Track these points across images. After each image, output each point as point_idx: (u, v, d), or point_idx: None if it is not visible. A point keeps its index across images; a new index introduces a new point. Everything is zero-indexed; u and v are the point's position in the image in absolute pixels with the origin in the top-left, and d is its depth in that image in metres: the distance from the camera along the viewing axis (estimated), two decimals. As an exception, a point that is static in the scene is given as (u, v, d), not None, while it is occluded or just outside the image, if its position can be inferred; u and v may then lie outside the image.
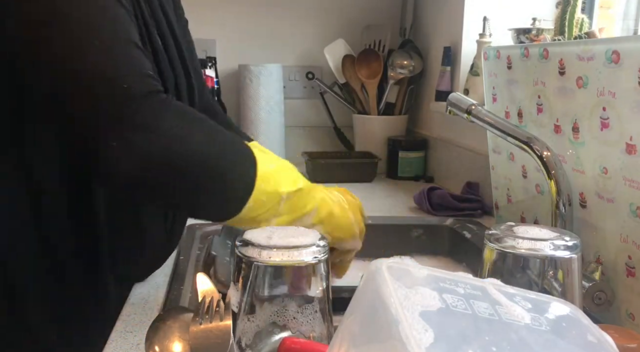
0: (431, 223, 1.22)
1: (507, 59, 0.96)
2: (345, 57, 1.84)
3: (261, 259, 0.48)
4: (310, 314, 0.49)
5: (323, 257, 0.49)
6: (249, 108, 1.76)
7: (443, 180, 1.57)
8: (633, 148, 0.68)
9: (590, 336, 0.38)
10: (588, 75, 0.75)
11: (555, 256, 0.52)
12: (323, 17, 1.91)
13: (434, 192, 1.30)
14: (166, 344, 0.51)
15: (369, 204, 1.38)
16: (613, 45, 0.71)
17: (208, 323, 0.50)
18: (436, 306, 0.35)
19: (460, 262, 1.14)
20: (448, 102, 0.96)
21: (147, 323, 0.69)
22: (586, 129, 0.77)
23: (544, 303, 0.40)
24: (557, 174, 0.79)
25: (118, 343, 0.67)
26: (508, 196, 1.05)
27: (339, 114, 1.91)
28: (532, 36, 1.26)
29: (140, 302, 0.78)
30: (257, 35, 1.90)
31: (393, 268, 0.37)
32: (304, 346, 0.47)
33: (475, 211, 1.26)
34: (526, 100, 0.92)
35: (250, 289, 0.49)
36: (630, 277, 0.71)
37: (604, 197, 0.74)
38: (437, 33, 1.69)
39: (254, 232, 0.51)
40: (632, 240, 0.70)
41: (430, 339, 0.31)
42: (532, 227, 0.55)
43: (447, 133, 1.58)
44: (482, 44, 1.37)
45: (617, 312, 0.73)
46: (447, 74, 1.53)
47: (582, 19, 1.12)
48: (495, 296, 0.38)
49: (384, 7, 1.92)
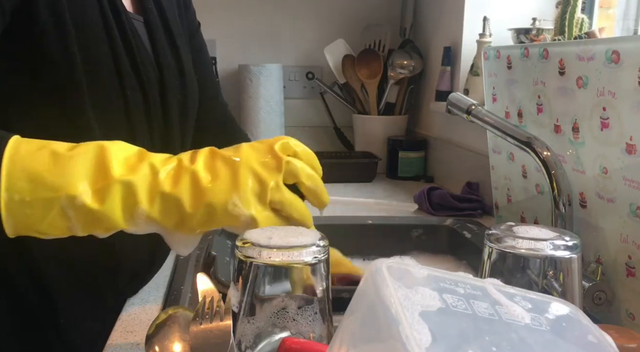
0: (431, 223, 1.22)
1: (507, 59, 0.96)
2: (345, 57, 1.84)
3: (261, 259, 0.48)
4: (310, 316, 0.49)
5: (323, 257, 0.49)
6: (249, 108, 1.76)
7: (443, 180, 1.57)
8: (633, 148, 0.68)
9: (591, 336, 0.38)
10: (588, 75, 0.75)
11: (555, 256, 0.52)
12: (323, 17, 1.91)
13: (434, 192, 1.30)
14: (166, 344, 0.51)
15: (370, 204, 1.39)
16: (613, 45, 0.71)
17: (208, 323, 0.50)
18: (436, 306, 0.35)
19: (460, 262, 1.14)
20: (448, 102, 0.96)
21: (147, 323, 0.70)
22: (586, 129, 0.77)
23: (544, 303, 0.40)
24: (557, 174, 0.79)
25: (118, 343, 0.67)
26: (508, 195, 1.05)
27: (339, 114, 1.91)
28: (532, 36, 1.26)
29: (140, 302, 0.78)
30: (257, 35, 1.90)
31: (393, 268, 0.37)
32: (304, 346, 0.47)
33: (475, 210, 1.26)
34: (526, 100, 0.92)
35: (250, 289, 0.49)
36: (630, 277, 0.71)
37: (604, 197, 0.74)
38: (437, 33, 1.69)
39: (254, 232, 0.51)
40: (632, 240, 0.70)
41: (430, 339, 0.31)
42: (532, 227, 0.55)
43: (447, 133, 1.58)
44: (482, 44, 1.37)
45: (617, 312, 0.73)
46: (447, 74, 1.53)
47: (582, 19, 1.12)
48: (495, 296, 0.38)
49: (384, 7, 1.92)
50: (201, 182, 0.52)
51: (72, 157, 0.50)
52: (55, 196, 0.49)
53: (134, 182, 0.51)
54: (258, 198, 0.54)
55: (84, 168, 0.50)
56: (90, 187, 0.50)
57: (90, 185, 0.50)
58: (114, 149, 0.52)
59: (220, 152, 0.55)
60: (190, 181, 0.53)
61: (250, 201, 0.53)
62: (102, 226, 0.51)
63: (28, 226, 0.50)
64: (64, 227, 0.51)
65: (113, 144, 0.53)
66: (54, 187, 0.49)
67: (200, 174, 0.53)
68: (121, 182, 0.50)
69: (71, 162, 0.50)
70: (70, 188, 0.49)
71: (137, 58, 0.71)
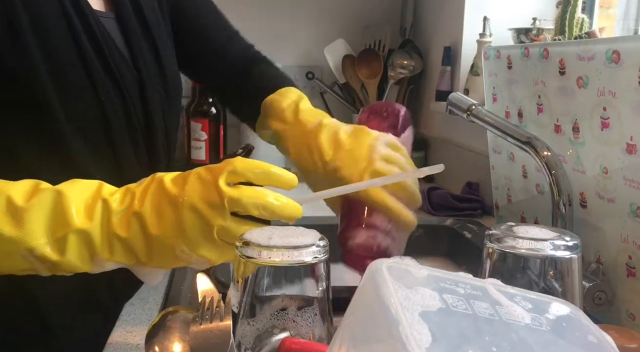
0: (431, 223, 1.22)
1: (508, 58, 0.96)
2: (345, 57, 1.84)
3: (261, 259, 0.48)
4: (310, 317, 0.49)
5: (323, 257, 0.49)
6: (249, 108, 1.76)
7: (443, 180, 1.57)
8: (633, 148, 0.68)
9: (591, 336, 0.38)
10: (588, 75, 0.75)
11: (556, 256, 0.52)
12: (323, 17, 1.91)
13: (434, 192, 1.30)
14: (166, 344, 0.51)
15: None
16: (613, 45, 0.71)
17: (208, 323, 0.50)
18: (436, 306, 0.35)
19: (460, 262, 1.14)
20: (448, 102, 0.96)
21: (147, 323, 0.70)
22: (586, 129, 0.77)
23: (544, 303, 0.40)
24: (558, 174, 0.79)
25: (118, 343, 0.67)
26: (508, 195, 1.05)
27: (339, 114, 1.90)
28: (532, 36, 1.26)
29: (140, 302, 0.78)
30: (257, 35, 1.89)
31: (393, 268, 0.37)
32: (303, 346, 0.47)
33: (475, 210, 1.26)
34: (526, 100, 0.92)
35: (250, 290, 0.49)
36: (630, 277, 0.71)
37: (604, 197, 0.74)
38: (437, 33, 1.69)
39: (254, 232, 0.51)
40: (633, 240, 0.69)
41: (430, 339, 0.31)
42: (532, 227, 0.55)
43: (447, 133, 1.58)
44: (482, 44, 1.37)
45: (617, 312, 0.73)
46: (447, 74, 1.53)
47: (582, 18, 1.12)
48: (495, 296, 0.38)
49: (384, 7, 1.92)
50: (148, 228, 0.52)
51: (29, 209, 0.50)
52: (15, 249, 0.50)
53: (91, 231, 0.51)
54: (205, 239, 0.52)
55: (42, 219, 0.50)
56: (48, 239, 0.50)
57: (48, 237, 0.50)
58: (72, 194, 0.51)
59: (166, 187, 0.53)
60: (139, 226, 0.52)
61: (198, 243, 0.52)
62: (65, 271, 0.52)
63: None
64: (28, 269, 0.52)
65: (71, 188, 0.52)
66: (11, 240, 0.49)
67: (147, 218, 0.52)
68: (78, 232, 0.50)
69: (28, 214, 0.50)
70: (29, 241, 0.49)
71: (110, 60, 0.67)
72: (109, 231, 0.51)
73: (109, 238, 0.52)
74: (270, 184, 0.54)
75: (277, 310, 0.49)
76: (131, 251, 0.52)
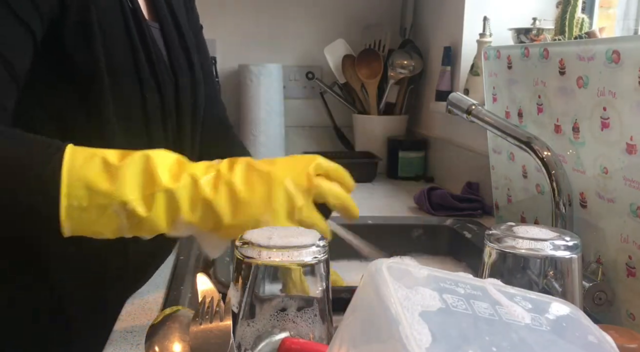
0: (431, 223, 1.22)
1: (508, 58, 0.96)
2: (345, 57, 1.84)
3: (261, 259, 0.48)
4: (310, 318, 0.49)
5: (323, 257, 0.49)
6: (249, 108, 1.76)
7: (443, 180, 1.57)
8: (633, 148, 0.68)
9: (591, 336, 0.38)
10: (588, 75, 0.75)
11: (556, 256, 0.52)
12: (323, 17, 1.91)
13: (434, 192, 1.30)
14: (166, 344, 0.51)
15: (369, 204, 1.39)
16: (613, 45, 0.71)
17: (208, 323, 0.50)
18: (436, 306, 0.35)
19: (460, 262, 1.14)
20: (448, 102, 0.96)
21: (147, 323, 0.70)
22: (586, 129, 0.77)
23: (544, 303, 0.40)
24: (558, 174, 0.79)
25: (118, 343, 0.67)
26: (508, 196, 1.05)
27: (339, 114, 1.91)
28: (532, 36, 1.26)
29: (140, 302, 0.78)
30: (257, 35, 1.90)
31: (393, 268, 0.37)
32: (303, 346, 0.47)
33: (475, 210, 1.26)
34: (526, 100, 0.92)
35: (250, 290, 0.49)
36: (630, 277, 0.71)
37: (604, 197, 0.74)
38: (437, 33, 1.69)
39: (254, 232, 0.51)
40: (633, 240, 0.69)
41: (430, 339, 0.31)
42: (532, 227, 0.55)
43: (447, 133, 1.58)
44: (482, 44, 1.37)
45: (617, 312, 0.73)
46: (447, 74, 1.53)
47: (582, 18, 1.12)
48: (495, 296, 0.38)
49: (384, 7, 1.92)
50: (238, 194, 0.57)
51: (122, 167, 0.55)
52: (109, 202, 0.54)
53: (177, 191, 0.55)
54: (287, 216, 0.58)
55: (134, 177, 0.55)
56: (139, 195, 0.54)
57: (140, 192, 0.54)
58: (159, 158, 0.56)
59: (256, 165, 0.59)
60: (227, 191, 0.57)
61: (280, 218, 0.58)
62: (147, 230, 0.56)
63: (83, 227, 0.54)
64: (115, 228, 0.55)
65: (157, 154, 0.57)
66: (107, 194, 0.54)
67: (237, 186, 0.57)
68: (166, 191, 0.55)
69: (122, 171, 0.54)
70: (123, 195, 0.54)
71: (155, 64, 0.76)
72: (195, 193, 0.56)
73: (193, 200, 0.56)
74: (340, 180, 0.63)
75: (277, 310, 0.49)
76: (213, 214, 0.56)
